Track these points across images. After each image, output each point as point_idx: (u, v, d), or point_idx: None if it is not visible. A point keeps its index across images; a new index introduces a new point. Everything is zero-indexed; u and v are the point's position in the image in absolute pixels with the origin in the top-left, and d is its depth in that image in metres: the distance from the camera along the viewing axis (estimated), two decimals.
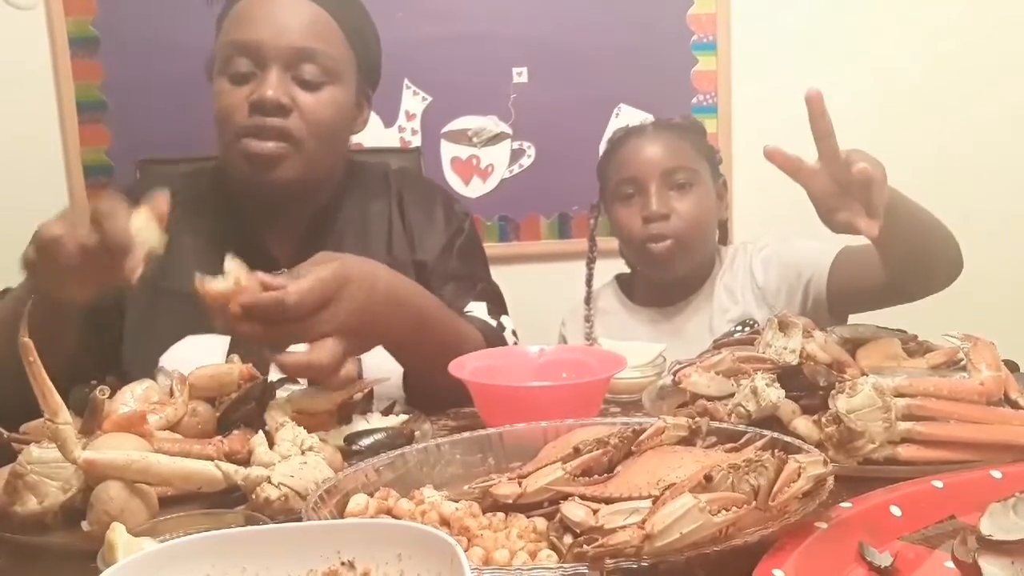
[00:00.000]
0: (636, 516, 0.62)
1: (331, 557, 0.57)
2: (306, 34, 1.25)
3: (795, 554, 0.63)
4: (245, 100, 1.23)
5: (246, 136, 1.23)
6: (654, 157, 1.61)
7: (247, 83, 1.24)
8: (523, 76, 2.36)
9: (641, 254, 1.64)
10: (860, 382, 0.84)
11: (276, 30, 1.24)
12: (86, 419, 0.81)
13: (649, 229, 1.58)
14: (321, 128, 1.26)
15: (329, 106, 1.27)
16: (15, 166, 2.24)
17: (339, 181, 1.38)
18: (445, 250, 1.38)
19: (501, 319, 1.34)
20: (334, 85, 1.28)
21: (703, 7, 2.38)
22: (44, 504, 0.76)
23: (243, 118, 1.23)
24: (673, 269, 1.63)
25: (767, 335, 1.00)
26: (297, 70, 1.24)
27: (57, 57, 2.23)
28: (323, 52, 1.26)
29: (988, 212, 2.48)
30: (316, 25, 1.27)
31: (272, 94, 1.21)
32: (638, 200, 1.61)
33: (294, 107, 1.24)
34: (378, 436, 0.94)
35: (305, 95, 1.25)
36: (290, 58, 1.24)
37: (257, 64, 1.24)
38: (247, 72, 1.24)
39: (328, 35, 1.28)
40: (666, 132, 1.65)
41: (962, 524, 0.71)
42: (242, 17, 1.26)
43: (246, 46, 1.24)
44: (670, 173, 1.60)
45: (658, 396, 1.07)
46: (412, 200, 1.41)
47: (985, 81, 2.47)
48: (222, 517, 0.70)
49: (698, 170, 1.64)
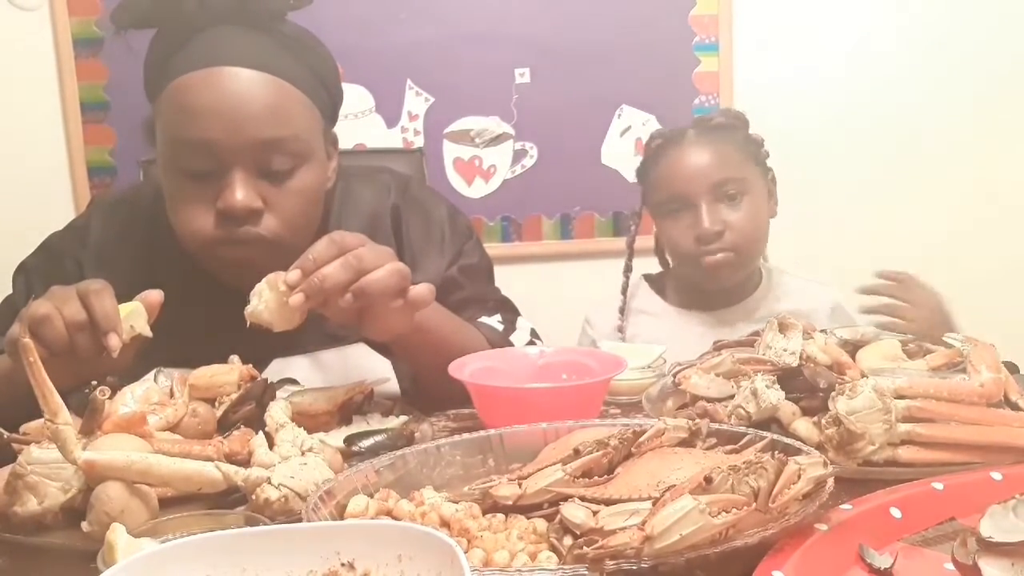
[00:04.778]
0: (636, 518, 0.63)
1: (331, 558, 0.58)
2: (268, 122, 1.07)
3: (795, 556, 0.63)
4: (208, 201, 1.08)
5: (220, 243, 1.09)
6: (701, 170, 1.52)
7: (206, 181, 1.08)
8: (525, 77, 2.37)
9: (695, 266, 1.56)
10: (860, 384, 0.84)
11: (232, 125, 1.06)
12: (86, 420, 0.81)
13: (704, 244, 1.51)
14: (296, 219, 1.12)
15: (304, 193, 1.12)
16: (19, 166, 2.24)
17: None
18: (451, 276, 1.29)
19: (517, 322, 1.32)
20: (306, 165, 1.12)
21: (705, 8, 2.38)
22: (44, 504, 0.76)
23: (210, 227, 1.08)
24: (728, 279, 1.57)
25: (767, 337, 1.00)
26: (263, 164, 1.08)
27: (61, 57, 2.23)
28: (290, 136, 1.09)
29: (988, 212, 2.48)
30: (276, 104, 1.09)
31: (242, 200, 1.06)
32: (687, 216, 1.52)
33: (265, 207, 1.09)
34: (378, 437, 0.94)
35: (275, 190, 1.09)
36: (254, 154, 1.07)
37: (216, 163, 1.07)
38: (205, 170, 1.08)
39: (291, 110, 1.10)
40: (708, 137, 1.55)
41: (962, 526, 0.71)
42: (186, 107, 1.07)
43: (199, 147, 1.07)
44: (719, 185, 1.51)
45: (658, 398, 1.07)
46: (411, 219, 1.30)
47: (985, 86, 2.47)
48: (222, 518, 0.70)
49: (747, 177, 1.55)
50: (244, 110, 1.06)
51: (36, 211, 2.21)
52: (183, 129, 1.08)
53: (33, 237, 1.29)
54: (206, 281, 1.15)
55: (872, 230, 2.42)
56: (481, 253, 1.36)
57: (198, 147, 1.07)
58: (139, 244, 1.24)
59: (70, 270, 1.21)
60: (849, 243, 2.36)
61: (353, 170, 1.33)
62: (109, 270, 1.09)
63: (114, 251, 1.24)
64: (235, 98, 1.07)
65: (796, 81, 2.43)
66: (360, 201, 1.30)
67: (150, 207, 1.24)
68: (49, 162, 2.26)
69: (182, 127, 1.08)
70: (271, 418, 0.87)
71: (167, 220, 1.15)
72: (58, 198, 2.25)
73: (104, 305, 0.90)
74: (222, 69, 1.07)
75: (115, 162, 2.28)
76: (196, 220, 1.09)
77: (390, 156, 1.99)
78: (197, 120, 1.06)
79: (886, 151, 2.47)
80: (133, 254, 1.23)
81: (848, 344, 1.02)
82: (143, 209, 1.26)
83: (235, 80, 1.07)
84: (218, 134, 1.06)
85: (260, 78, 1.08)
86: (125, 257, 1.22)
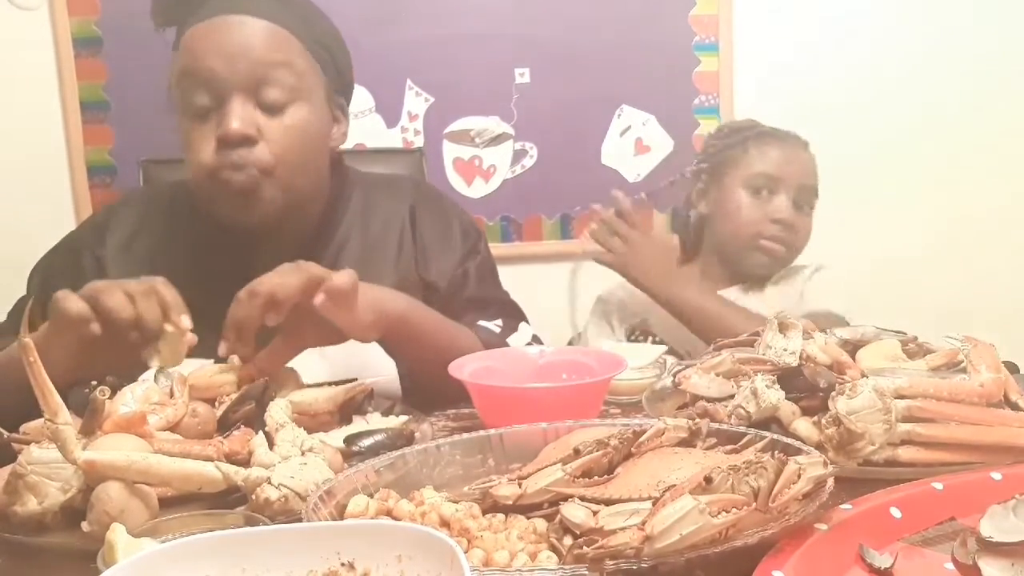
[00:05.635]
0: (636, 517, 0.63)
1: (331, 558, 0.58)
2: (263, 54, 1.18)
3: (795, 556, 0.63)
4: (211, 136, 1.17)
5: (217, 171, 1.17)
6: (795, 167, 1.72)
7: (209, 119, 1.18)
8: (525, 77, 2.37)
9: (750, 245, 1.71)
10: (860, 384, 0.84)
11: (230, 56, 1.17)
12: (86, 419, 0.81)
13: (772, 229, 1.69)
14: (290, 154, 1.20)
15: (297, 128, 1.20)
16: (19, 166, 2.24)
17: (329, 201, 1.33)
18: (460, 274, 1.35)
19: (520, 326, 1.33)
20: (300, 102, 1.21)
21: (705, 8, 2.38)
22: (44, 504, 0.76)
23: (211, 156, 1.17)
24: (765, 271, 1.74)
25: (767, 336, 1.00)
26: (259, 95, 1.18)
27: (61, 57, 2.23)
28: (283, 70, 1.19)
29: (988, 212, 2.48)
30: (272, 43, 1.19)
31: (236, 126, 1.15)
32: (768, 199, 1.70)
33: (260, 136, 1.17)
34: (378, 437, 0.94)
35: (270, 121, 1.18)
36: (249, 83, 1.17)
37: (216, 95, 1.17)
38: (207, 106, 1.17)
39: (287, 50, 1.20)
40: (804, 151, 1.76)
41: (962, 526, 0.71)
42: (193, 47, 1.19)
43: (201, 76, 1.17)
44: (803, 189, 1.72)
45: (658, 397, 1.07)
46: (426, 217, 1.37)
47: (985, 92, 2.47)
48: (222, 518, 0.70)
49: (815, 189, 1.75)
50: (242, 43, 1.18)
51: (36, 211, 2.22)
52: (188, 65, 1.18)
53: (33, 237, 1.29)
54: (223, 270, 1.17)
55: (872, 230, 2.42)
56: (488, 254, 1.42)
57: (199, 79, 1.17)
58: (160, 237, 1.30)
59: (89, 265, 1.26)
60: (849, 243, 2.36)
61: (372, 177, 1.42)
62: (130, 264, 1.20)
63: (134, 245, 1.29)
64: (235, 36, 1.18)
65: (796, 81, 2.43)
66: (379, 205, 1.37)
67: (167, 200, 1.33)
68: (49, 162, 2.25)
69: (188, 64, 1.19)
70: (271, 418, 0.87)
71: (185, 211, 1.27)
72: (58, 198, 2.25)
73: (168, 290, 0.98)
74: (228, 17, 1.19)
75: (115, 162, 2.28)
76: (201, 153, 1.18)
77: (390, 156, 1.99)
78: (200, 56, 1.18)
79: (887, 151, 2.47)
80: (153, 247, 1.29)
81: (848, 344, 1.02)
82: (161, 203, 1.34)
83: (238, 24, 1.19)
84: (217, 64, 1.16)
85: (260, 23, 1.20)
86: (144, 250, 1.28)
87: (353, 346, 1.16)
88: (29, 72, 2.23)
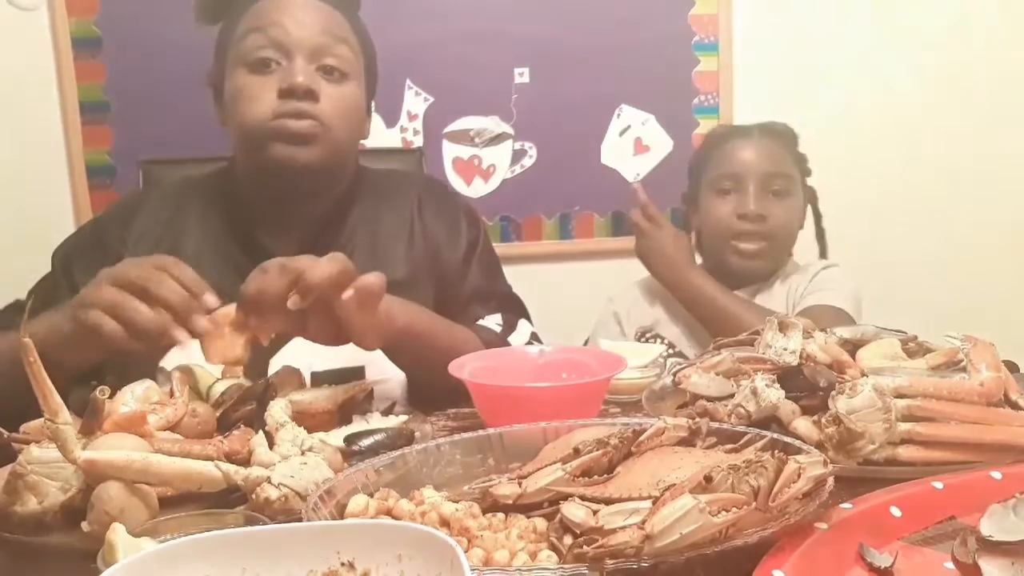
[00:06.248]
0: (636, 517, 0.62)
1: (331, 558, 0.58)
2: (329, 27, 1.26)
3: (795, 555, 0.63)
4: (272, 87, 1.22)
5: (280, 117, 1.22)
6: (757, 159, 1.71)
7: (272, 72, 1.23)
8: (525, 76, 2.37)
9: (726, 248, 1.71)
10: (860, 383, 0.84)
11: (299, 21, 1.25)
12: (86, 419, 0.81)
13: (743, 226, 1.68)
14: (344, 119, 1.27)
15: (347, 101, 1.27)
16: (18, 167, 2.23)
17: (345, 189, 1.35)
18: (464, 263, 1.38)
19: (518, 324, 1.34)
20: (353, 81, 1.29)
21: (705, 7, 2.38)
22: (44, 504, 0.76)
23: (271, 103, 1.22)
24: (756, 270, 1.72)
25: (767, 336, 1.00)
26: (320, 61, 1.25)
27: (60, 58, 2.23)
28: (343, 46, 1.27)
29: (988, 212, 2.48)
30: (335, 21, 1.28)
31: (303, 80, 1.21)
32: (735, 197, 1.70)
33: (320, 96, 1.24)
34: (378, 437, 0.94)
35: (328, 86, 1.25)
36: (314, 49, 1.24)
37: (284, 51, 1.24)
38: (271, 59, 1.23)
39: (345, 34, 1.29)
40: (768, 137, 1.74)
41: (962, 525, 0.71)
42: (262, 13, 1.26)
43: (271, 33, 1.24)
44: (770, 177, 1.70)
45: (658, 397, 1.07)
46: (433, 209, 1.41)
47: (989, 87, 2.47)
48: (222, 517, 0.70)
49: (795, 178, 1.74)
50: (309, 17, 1.26)
51: (35, 211, 2.21)
52: (258, 23, 1.25)
53: (32, 236, 1.29)
54: (246, 257, 1.20)
55: (872, 230, 2.42)
56: (490, 245, 1.44)
57: (269, 34, 1.24)
58: (184, 226, 1.32)
59: (113, 245, 1.28)
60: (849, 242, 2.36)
61: (380, 173, 1.45)
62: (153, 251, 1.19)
63: (159, 231, 1.31)
64: (303, 8, 1.26)
65: (796, 81, 2.43)
66: (388, 200, 1.40)
67: (196, 189, 1.37)
68: (48, 162, 2.25)
69: (256, 22, 1.25)
70: (271, 417, 0.87)
71: (225, 194, 1.33)
72: (57, 198, 2.25)
73: (190, 271, 0.99)
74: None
75: (114, 162, 2.28)
76: (260, 106, 1.23)
77: (390, 156, 1.99)
78: (273, 16, 1.25)
79: (887, 151, 2.47)
80: (177, 236, 1.31)
81: (848, 343, 1.02)
82: (188, 192, 1.37)
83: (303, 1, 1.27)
84: (288, 23, 1.24)
85: (325, 6, 1.28)
86: (171, 238, 1.31)
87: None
88: (28, 72, 2.23)
